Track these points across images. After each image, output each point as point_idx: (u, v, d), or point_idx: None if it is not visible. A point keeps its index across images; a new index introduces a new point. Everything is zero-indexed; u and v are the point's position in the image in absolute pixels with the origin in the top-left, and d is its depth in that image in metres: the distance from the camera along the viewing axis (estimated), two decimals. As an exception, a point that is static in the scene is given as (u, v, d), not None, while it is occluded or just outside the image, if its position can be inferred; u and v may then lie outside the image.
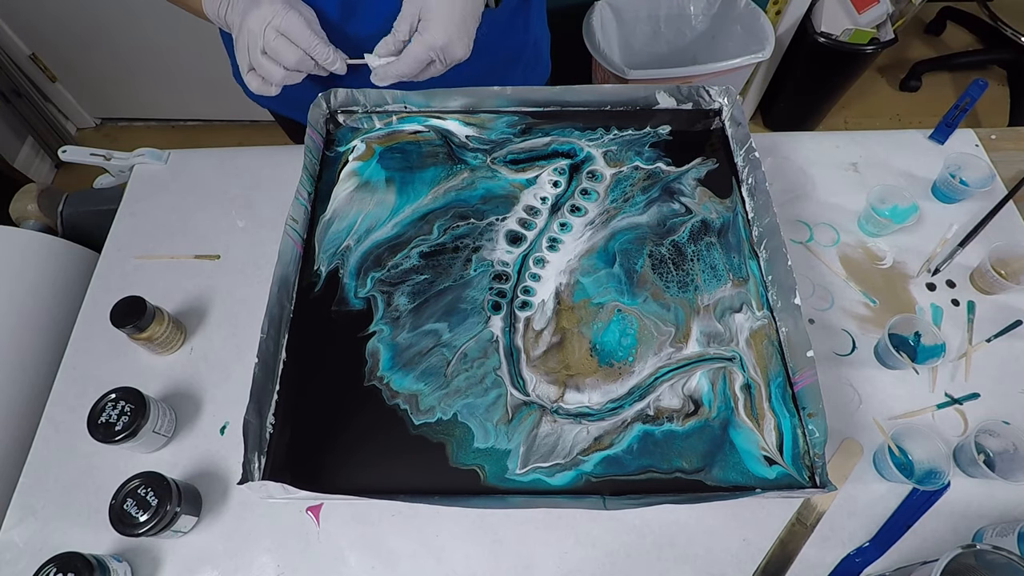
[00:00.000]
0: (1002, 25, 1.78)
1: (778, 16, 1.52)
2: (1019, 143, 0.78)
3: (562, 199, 0.63)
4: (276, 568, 0.52)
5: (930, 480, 0.53)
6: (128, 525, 0.49)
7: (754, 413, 0.51)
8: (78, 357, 0.63)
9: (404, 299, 0.57)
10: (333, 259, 0.59)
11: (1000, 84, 1.91)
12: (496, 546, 0.52)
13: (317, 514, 0.54)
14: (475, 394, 0.52)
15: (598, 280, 0.58)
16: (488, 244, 0.60)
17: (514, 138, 0.67)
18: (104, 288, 0.67)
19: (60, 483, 0.56)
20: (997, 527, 0.52)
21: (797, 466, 0.48)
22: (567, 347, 0.54)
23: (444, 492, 0.48)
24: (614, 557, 0.52)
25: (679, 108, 0.68)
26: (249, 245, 0.69)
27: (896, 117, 1.92)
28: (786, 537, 0.53)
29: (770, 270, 0.57)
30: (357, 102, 0.67)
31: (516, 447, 0.49)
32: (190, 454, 0.57)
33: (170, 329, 0.60)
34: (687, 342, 0.54)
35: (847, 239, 0.69)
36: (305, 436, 0.50)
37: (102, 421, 0.53)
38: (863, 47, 1.47)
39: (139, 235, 0.71)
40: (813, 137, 0.78)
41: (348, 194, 0.63)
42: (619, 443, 0.49)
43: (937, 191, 0.72)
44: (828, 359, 0.61)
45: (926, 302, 0.65)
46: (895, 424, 0.57)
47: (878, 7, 1.43)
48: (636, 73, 1.25)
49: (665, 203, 0.62)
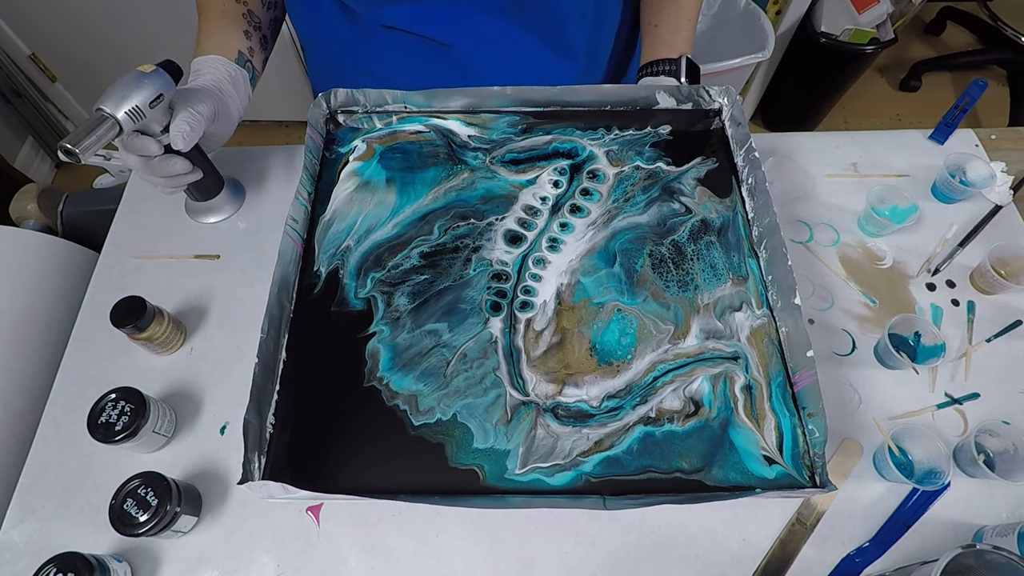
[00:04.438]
0: (1002, 25, 1.78)
1: (778, 16, 1.52)
2: (1019, 143, 0.78)
3: (562, 199, 0.63)
4: (276, 568, 0.52)
5: (930, 480, 0.53)
6: (128, 525, 0.49)
7: (754, 413, 0.51)
8: (78, 357, 0.63)
9: (404, 299, 0.57)
10: (333, 259, 0.59)
11: (1000, 84, 1.91)
12: (496, 546, 0.52)
13: (317, 514, 0.54)
14: (474, 394, 0.52)
15: (598, 280, 0.58)
16: (488, 244, 0.60)
17: (515, 137, 0.67)
18: (104, 288, 0.67)
19: (60, 483, 0.56)
20: (997, 527, 0.52)
21: (797, 466, 0.48)
22: (567, 347, 0.54)
23: (444, 492, 0.48)
24: (614, 557, 0.52)
25: (679, 108, 0.68)
26: (249, 245, 0.69)
27: (896, 117, 1.92)
28: (786, 537, 0.53)
29: (770, 270, 0.57)
30: (357, 102, 0.67)
31: (515, 447, 0.49)
32: (190, 454, 0.57)
33: (170, 329, 0.60)
34: (686, 339, 0.54)
35: (847, 239, 0.69)
36: (305, 436, 0.50)
37: (102, 421, 0.53)
38: (863, 47, 1.47)
39: (139, 235, 0.71)
40: (813, 137, 0.78)
41: (348, 194, 0.63)
42: (619, 444, 0.49)
43: (937, 191, 0.72)
44: (828, 359, 0.61)
45: (926, 302, 0.65)
46: (895, 424, 0.57)
47: (878, 7, 1.43)
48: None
49: (665, 203, 0.62)
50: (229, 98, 0.61)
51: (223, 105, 0.60)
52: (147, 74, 0.53)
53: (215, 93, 0.59)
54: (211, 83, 0.60)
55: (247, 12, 0.66)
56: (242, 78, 0.64)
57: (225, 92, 0.61)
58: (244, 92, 0.64)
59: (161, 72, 0.54)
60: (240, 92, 0.63)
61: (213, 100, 0.58)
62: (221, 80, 0.61)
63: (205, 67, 0.61)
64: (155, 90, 0.52)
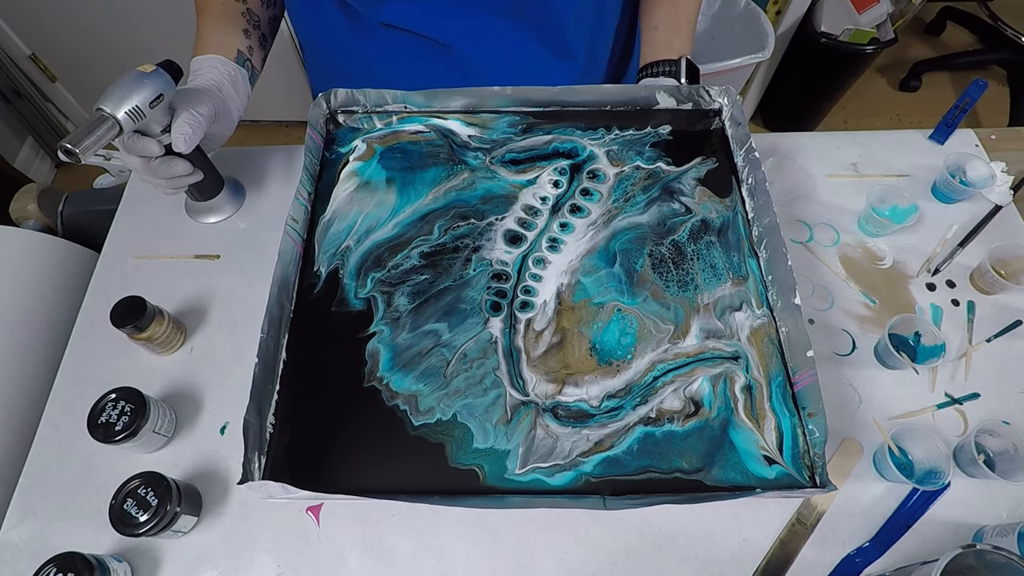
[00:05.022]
0: (1002, 25, 1.78)
1: (778, 16, 1.52)
2: (1019, 143, 0.78)
3: (563, 199, 0.63)
4: (276, 568, 0.52)
5: (930, 480, 0.53)
6: (128, 525, 0.49)
7: (754, 413, 0.51)
8: (78, 357, 0.63)
9: (404, 299, 0.57)
10: (333, 260, 0.59)
11: (1000, 84, 1.91)
12: (496, 546, 0.52)
13: (317, 514, 0.54)
14: (474, 394, 0.52)
15: (599, 280, 0.58)
16: (488, 244, 0.60)
17: (515, 137, 0.67)
18: (104, 288, 0.67)
19: (60, 483, 0.56)
20: (997, 527, 0.52)
21: (797, 466, 0.48)
22: (567, 347, 0.54)
23: (444, 492, 0.48)
24: (614, 557, 0.52)
25: (679, 108, 0.68)
26: (249, 245, 0.69)
27: (896, 117, 1.92)
28: (786, 537, 0.53)
29: (770, 270, 0.57)
30: (357, 102, 0.67)
31: (515, 447, 0.49)
32: (190, 454, 0.57)
33: (170, 329, 0.60)
34: (686, 339, 0.54)
35: (847, 239, 0.69)
36: (305, 436, 0.50)
37: (102, 421, 0.53)
38: (863, 47, 1.47)
39: (139, 235, 0.71)
40: (813, 137, 0.78)
41: (348, 194, 0.63)
42: (619, 445, 0.49)
43: (937, 191, 0.72)
44: (828, 359, 0.61)
45: (926, 302, 0.65)
46: (895, 424, 0.57)
47: (878, 7, 1.43)
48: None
49: (665, 203, 0.62)
50: (229, 98, 0.61)
51: (223, 105, 0.60)
52: (147, 74, 0.53)
53: (215, 93, 0.59)
54: (211, 83, 0.60)
55: (246, 11, 0.66)
56: (242, 77, 0.64)
57: (225, 92, 0.61)
58: (244, 91, 0.64)
59: (161, 72, 0.54)
60: (240, 91, 0.63)
61: (213, 100, 0.58)
62: (221, 80, 0.61)
63: (205, 67, 0.61)
64: (155, 90, 0.52)
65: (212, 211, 0.70)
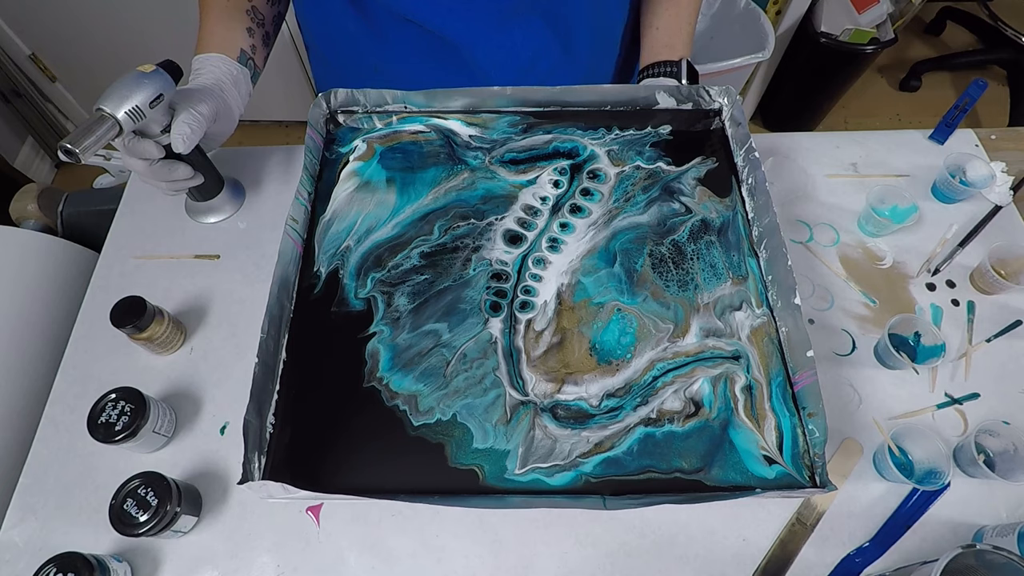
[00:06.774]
0: (1002, 25, 1.78)
1: (778, 16, 1.52)
2: (1019, 143, 0.78)
3: (563, 199, 0.63)
4: (276, 568, 0.52)
5: (930, 480, 0.53)
6: (128, 525, 0.49)
7: (754, 413, 0.51)
8: (78, 357, 0.63)
9: (404, 299, 0.57)
10: (333, 260, 0.59)
11: (1000, 84, 1.91)
12: (496, 546, 0.52)
13: (317, 514, 0.54)
14: (474, 395, 0.52)
15: (599, 280, 0.58)
16: (487, 244, 0.60)
17: (515, 137, 0.67)
18: (104, 288, 0.67)
19: (60, 483, 0.56)
20: (997, 527, 0.52)
21: (797, 466, 0.48)
22: (567, 347, 0.54)
23: (444, 492, 0.48)
24: (614, 557, 0.52)
25: (679, 108, 0.68)
26: (249, 245, 0.69)
27: (896, 117, 1.92)
28: (786, 537, 0.53)
29: (770, 270, 0.57)
30: (357, 102, 0.67)
31: (515, 447, 0.49)
32: (190, 454, 0.57)
33: (170, 329, 0.60)
34: (685, 338, 0.54)
35: (847, 239, 0.69)
36: (305, 436, 0.50)
37: (102, 421, 0.53)
38: (863, 47, 1.47)
39: (139, 235, 0.71)
40: (813, 137, 0.78)
41: (348, 194, 0.63)
42: (619, 445, 0.49)
43: (937, 191, 0.72)
44: (828, 359, 0.61)
45: (926, 302, 0.65)
46: (895, 424, 0.57)
47: (878, 7, 1.43)
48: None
49: (665, 202, 0.62)
50: (230, 97, 0.61)
51: (224, 104, 0.60)
52: (147, 74, 0.53)
53: (216, 92, 0.59)
54: (212, 82, 0.60)
55: (251, 8, 0.65)
56: (243, 76, 0.64)
57: (226, 91, 0.61)
58: (245, 90, 0.64)
59: (161, 72, 0.54)
60: (241, 91, 0.63)
61: (214, 100, 0.58)
62: (222, 79, 0.61)
63: (206, 65, 0.61)
64: (155, 90, 0.52)
65: (212, 211, 0.70)
